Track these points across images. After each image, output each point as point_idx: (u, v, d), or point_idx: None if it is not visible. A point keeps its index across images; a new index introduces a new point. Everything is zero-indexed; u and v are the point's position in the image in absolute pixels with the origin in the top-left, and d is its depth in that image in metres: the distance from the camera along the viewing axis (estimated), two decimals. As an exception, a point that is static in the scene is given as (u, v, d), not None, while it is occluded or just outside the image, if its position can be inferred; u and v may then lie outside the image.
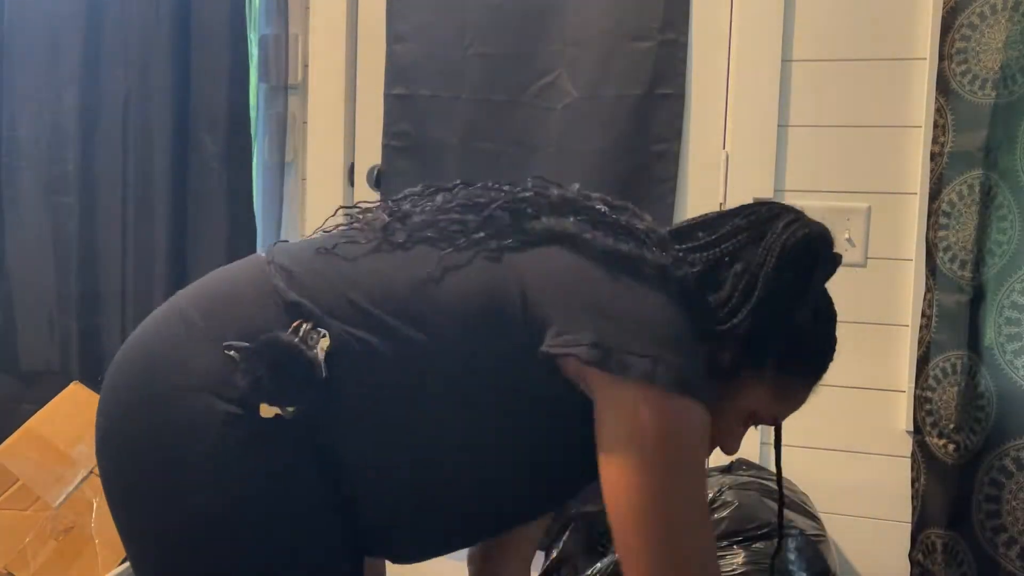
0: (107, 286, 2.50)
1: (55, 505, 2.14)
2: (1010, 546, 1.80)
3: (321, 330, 1.00)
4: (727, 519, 1.76)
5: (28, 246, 2.55)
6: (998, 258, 1.81)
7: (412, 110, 2.20)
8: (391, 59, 2.22)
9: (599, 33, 2.07)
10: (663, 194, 2.07)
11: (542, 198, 1.13)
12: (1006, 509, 1.81)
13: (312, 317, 1.01)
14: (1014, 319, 1.80)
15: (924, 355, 1.88)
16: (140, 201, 2.44)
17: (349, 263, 1.07)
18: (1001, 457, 1.81)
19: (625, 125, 2.06)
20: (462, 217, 1.10)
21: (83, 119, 2.47)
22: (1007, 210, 1.80)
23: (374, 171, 2.29)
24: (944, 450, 1.85)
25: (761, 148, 2.03)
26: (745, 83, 2.04)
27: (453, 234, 1.08)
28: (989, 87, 1.79)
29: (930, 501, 1.88)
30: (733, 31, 2.05)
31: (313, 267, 1.07)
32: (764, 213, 1.12)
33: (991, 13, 1.79)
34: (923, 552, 1.90)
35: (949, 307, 1.84)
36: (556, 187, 1.16)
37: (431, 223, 1.10)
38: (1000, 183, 1.80)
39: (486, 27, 2.14)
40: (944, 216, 1.84)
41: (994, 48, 1.78)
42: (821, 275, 1.12)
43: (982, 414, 1.82)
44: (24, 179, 2.54)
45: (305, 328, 1.00)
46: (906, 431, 1.97)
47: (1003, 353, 1.81)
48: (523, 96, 2.12)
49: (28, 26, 2.50)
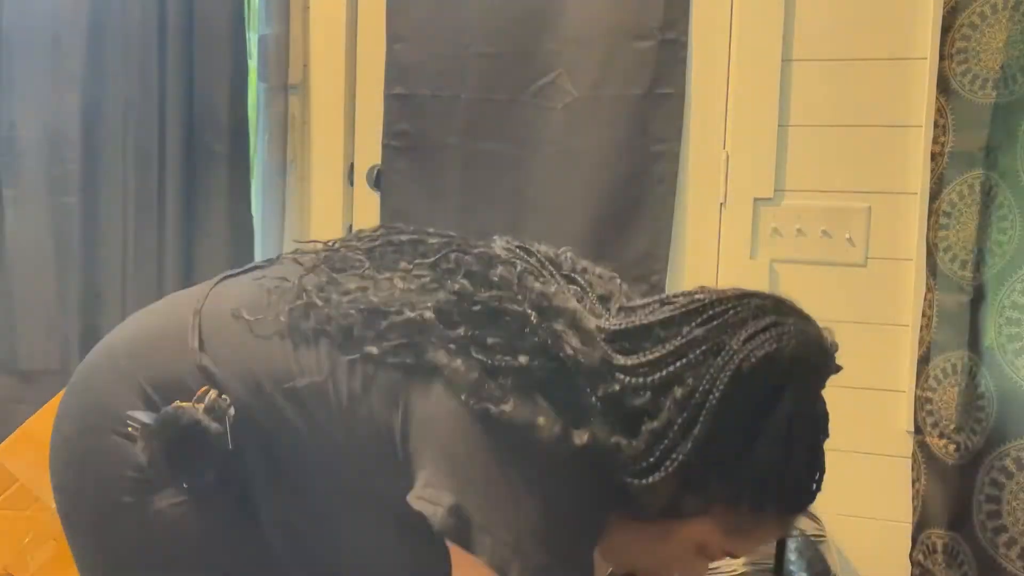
0: (107, 286, 2.49)
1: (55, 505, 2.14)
2: (1010, 546, 1.80)
3: (226, 398, 0.99)
4: (727, 519, 1.76)
5: (29, 246, 2.55)
6: (998, 258, 1.81)
7: (412, 110, 2.20)
8: (391, 59, 2.22)
9: (599, 33, 2.06)
10: (663, 194, 2.06)
11: (461, 303, 0.98)
12: (1006, 509, 1.80)
13: (218, 385, 1.00)
14: (1015, 319, 1.80)
15: (924, 355, 1.87)
16: (140, 201, 2.44)
17: (258, 340, 1.03)
18: (1002, 457, 1.81)
19: (625, 125, 2.05)
20: (367, 322, 1.00)
21: (83, 119, 2.47)
22: (1007, 210, 1.80)
23: (374, 171, 2.29)
24: (945, 450, 1.85)
25: (761, 148, 2.03)
26: (745, 83, 2.04)
27: (356, 340, 1.00)
28: (990, 87, 1.78)
29: (931, 501, 1.88)
30: (733, 31, 2.05)
31: (231, 332, 1.05)
32: (730, 317, 0.93)
33: (991, 13, 1.79)
34: (924, 552, 1.90)
35: (949, 307, 1.84)
36: (498, 263, 1.02)
37: (334, 318, 1.01)
38: (1000, 183, 1.80)
39: (486, 27, 2.14)
40: (944, 216, 1.84)
41: (994, 48, 1.78)
42: (792, 402, 0.92)
43: (982, 414, 1.82)
44: (25, 179, 2.54)
45: (211, 396, 0.99)
46: (906, 431, 1.97)
47: (1004, 353, 1.81)
48: (523, 96, 2.12)
49: (28, 26, 2.50)
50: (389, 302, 1.00)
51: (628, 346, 0.96)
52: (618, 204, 2.07)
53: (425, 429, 0.96)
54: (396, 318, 0.99)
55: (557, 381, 0.93)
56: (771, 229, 2.04)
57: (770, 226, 2.04)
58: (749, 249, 2.05)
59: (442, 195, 2.18)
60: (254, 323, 1.04)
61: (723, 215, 2.07)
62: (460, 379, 0.93)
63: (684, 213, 2.09)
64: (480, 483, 0.92)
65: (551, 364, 0.94)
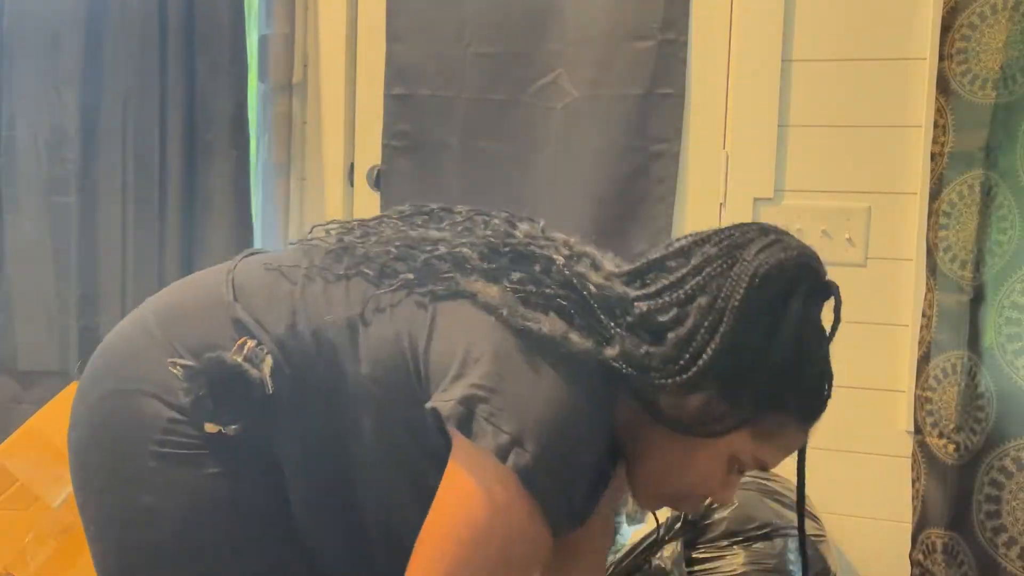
0: (107, 286, 2.49)
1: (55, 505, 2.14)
2: (1010, 546, 1.80)
3: (263, 347, 1.02)
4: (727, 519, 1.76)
5: (28, 246, 2.55)
6: (998, 258, 1.81)
7: (412, 110, 2.21)
8: (391, 59, 2.22)
9: (599, 33, 2.07)
10: (663, 194, 2.07)
11: (492, 246, 1.07)
12: (1006, 509, 1.80)
13: (255, 335, 1.02)
14: (1014, 319, 1.80)
15: (924, 355, 1.88)
16: (140, 201, 2.44)
17: (293, 285, 1.07)
18: (1001, 457, 1.81)
19: (625, 125, 2.06)
20: (401, 257, 1.07)
21: (83, 119, 2.47)
22: (1007, 210, 1.80)
23: (374, 171, 2.29)
24: (944, 450, 1.85)
25: (761, 148, 2.03)
26: (745, 83, 2.04)
27: (390, 274, 1.06)
28: (989, 87, 1.79)
29: (930, 501, 1.88)
30: (733, 31, 2.05)
31: (263, 283, 1.08)
32: (738, 238, 1.03)
33: (991, 13, 1.79)
34: (923, 552, 1.90)
35: (949, 307, 1.84)
36: (521, 224, 1.12)
37: (371, 257, 1.07)
38: (1000, 183, 1.80)
39: (486, 27, 2.14)
40: (944, 216, 1.84)
41: (994, 48, 1.78)
42: (801, 304, 1.01)
43: (982, 414, 1.82)
44: (24, 179, 2.54)
45: (249, 345, 1.01)
46: (906, 431, 1.97)
47: (1003, 353, 1.81)
48: (523, 96, 2.12)
49: (28, 25, 2.50)
50: (424, 240, 1.08)
51: (646, 281, 1.04)
52: (618, 204, 2.07)
53: (450, 333, 1.00)
54: (432, 253, 1.05)
55: (585, 312, 1.00)
56: (771, 229, 2.04)
57: (770, 226, 2.04)
58: (749, 249, 2.05)
59: (442, 195, 2.18)
60: (287, 270, 1.08)
61: (723, 215, 2.07)
62: (495, 301, 0.99)
63: (684, 213, 2.09)
64: (494, 385, 0.95)
65: (578, 297, 1.01)
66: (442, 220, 1.15)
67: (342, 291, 1.05)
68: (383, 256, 1.07)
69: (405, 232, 1.11)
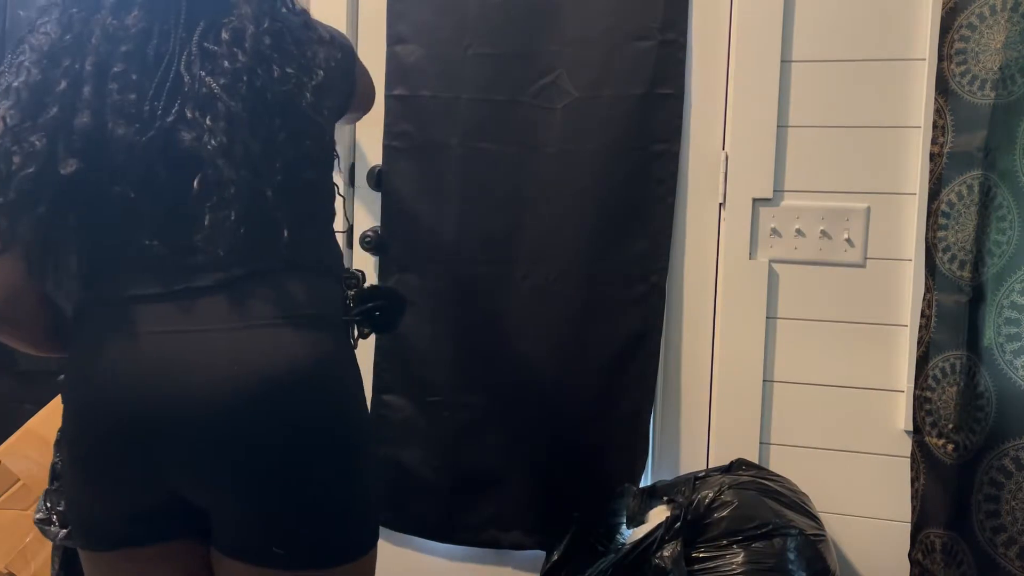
0: (107, 286, 2.49)
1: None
2: (1009, 546, 1.81)
3: (356, 272, 1.47)
4: (727, 519, 1.77)
5: (28, 246, 2.54)
6: (997, 258, 1.81)
7: (413, 111, 2.21)
8: (391, 60, 2.22)
9: (599, 33, 2.07)
10: (663, 194, 2.07)
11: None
12: (1005, 509, 1.81)
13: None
14: (1013, 319, 1.81)
15: (924, 355, 1.88)
16: (140, 201, 2.44)
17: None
18: (1000, 457, 1.81)
19: (625, 125, 2.06)
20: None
21: (83, 119, 2.46)
22: (1006, 210, 1.81)
23: (375, 171, 2.29)
24: (943, 450, 1.85)
25: (761, 148, 2.04)
26: (745, 83, 2.04)
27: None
28: (988, 88, 1.79)
29: (929, 501, 1.88)
30: (733, 31, 2.05)
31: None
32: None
33: (990, 14, 1.79)
34: (922, 552, 1.90)
35: (948, 307, 1.84)
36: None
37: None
38: (999, 184, 1.80)
39: (486, 27, 2.14)
40: (943, 216, 1.85)
41: (993, 49, 1.78)
42: None
43: (981, 414, 1.83)
44: (24, 179, 2.54)
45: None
46: (905, 431, 1.98)
47: (1002, 353, 1.81)
48: (523, 96, 2.13)
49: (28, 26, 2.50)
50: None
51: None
52: (618, 204, 2.07)
53: None
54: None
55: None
56: (770, 229, 2.05)
57: (769, 226, 2.05)
58: (748, 249, 2.05)
59: (443, 195, 2.18)
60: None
61: (722, 215, 2.08)
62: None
63: (684, 213, 2.10)
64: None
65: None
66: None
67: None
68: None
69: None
